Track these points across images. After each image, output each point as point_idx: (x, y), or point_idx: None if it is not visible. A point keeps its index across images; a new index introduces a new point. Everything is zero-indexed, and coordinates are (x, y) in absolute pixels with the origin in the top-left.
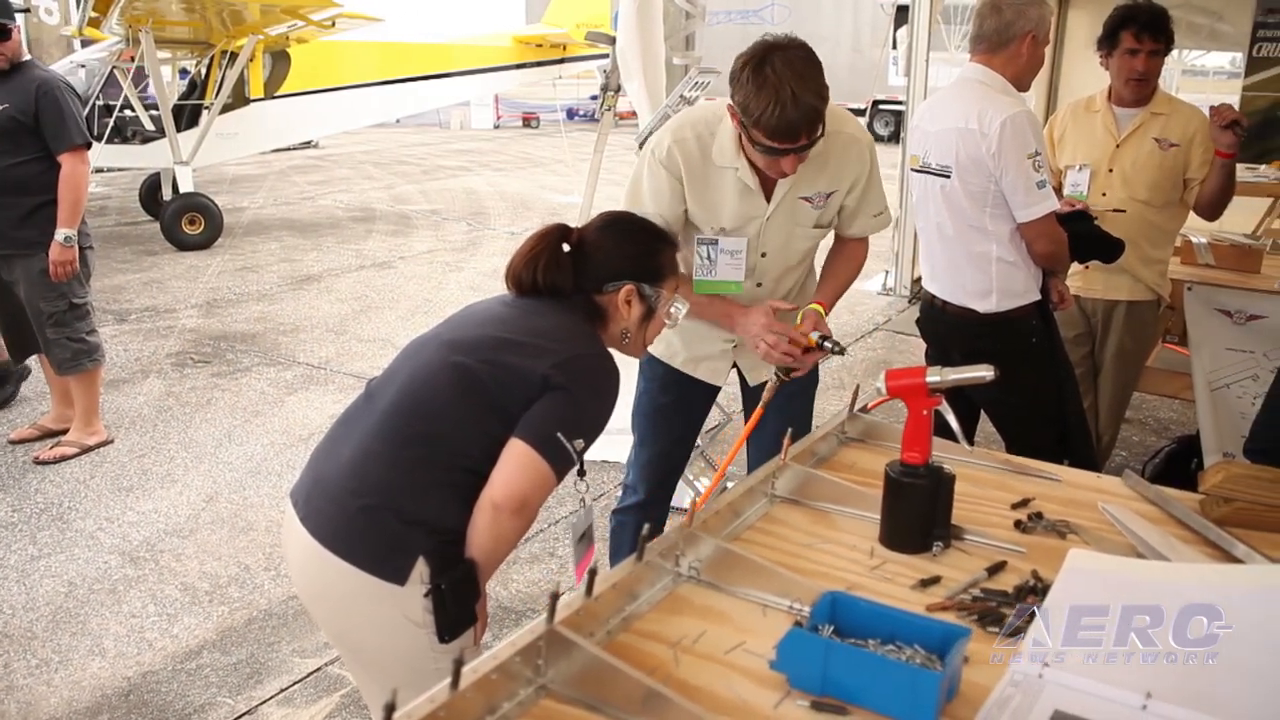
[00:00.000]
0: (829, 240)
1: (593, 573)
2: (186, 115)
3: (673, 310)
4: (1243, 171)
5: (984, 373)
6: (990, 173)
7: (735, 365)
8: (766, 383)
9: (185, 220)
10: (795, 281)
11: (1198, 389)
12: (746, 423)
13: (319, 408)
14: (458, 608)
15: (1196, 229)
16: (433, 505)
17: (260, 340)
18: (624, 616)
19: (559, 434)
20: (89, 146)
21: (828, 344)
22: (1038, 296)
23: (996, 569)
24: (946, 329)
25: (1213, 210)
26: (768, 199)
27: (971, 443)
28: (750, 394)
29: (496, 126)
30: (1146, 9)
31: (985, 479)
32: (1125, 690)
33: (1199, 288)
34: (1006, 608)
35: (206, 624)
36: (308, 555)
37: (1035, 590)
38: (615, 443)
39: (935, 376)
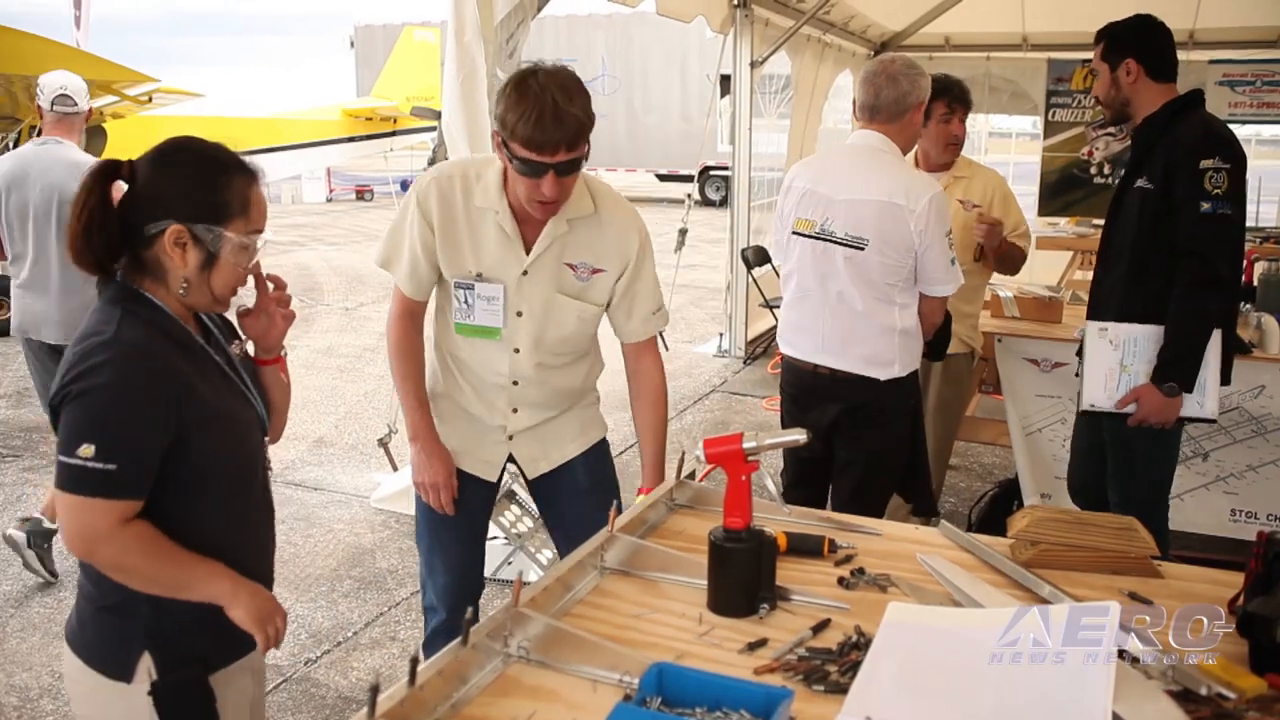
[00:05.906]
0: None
1: (415, 661)
2: None
3: (243, 244)
4: (1044, 226)
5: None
6: (912, 248)
7: (511, 459)
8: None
9: None
10: (562, 386)
11: (1013, 435)
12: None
13: None
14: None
15: (1003, 283)
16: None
17: None
18: (452, 703)
19: (61, 458)
20: None
21: None
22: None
23: (821, 627)
24: (827, 392)
25: (1010, 272)
26: (527, 251)
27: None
28: (536, 487)
29: (329, 200)
30: (953, 81)
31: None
32: None
33: (1008, 339)
34: (831, 665)
35: None
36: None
37: (858, 645)
38: None
39: (751, 443)
